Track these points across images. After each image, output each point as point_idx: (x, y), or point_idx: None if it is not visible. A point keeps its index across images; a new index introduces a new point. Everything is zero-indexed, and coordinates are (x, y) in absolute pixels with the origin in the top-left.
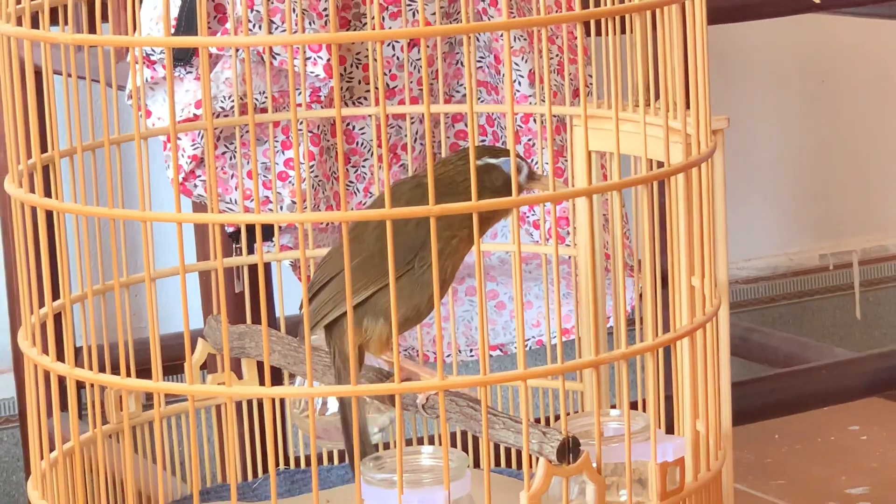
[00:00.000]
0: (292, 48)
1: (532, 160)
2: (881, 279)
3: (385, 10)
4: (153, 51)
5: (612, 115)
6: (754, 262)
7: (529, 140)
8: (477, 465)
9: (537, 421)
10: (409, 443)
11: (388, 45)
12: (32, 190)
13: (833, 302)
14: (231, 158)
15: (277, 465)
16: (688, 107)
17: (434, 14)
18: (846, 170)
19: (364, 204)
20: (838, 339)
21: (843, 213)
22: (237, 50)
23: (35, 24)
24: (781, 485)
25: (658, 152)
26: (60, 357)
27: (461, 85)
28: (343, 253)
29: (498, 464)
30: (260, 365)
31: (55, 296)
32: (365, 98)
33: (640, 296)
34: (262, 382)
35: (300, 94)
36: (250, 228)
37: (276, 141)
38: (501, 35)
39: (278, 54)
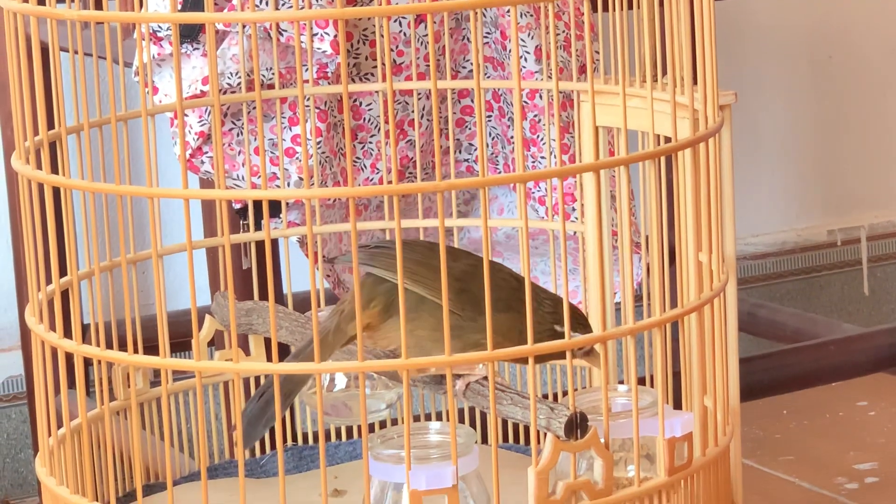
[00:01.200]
0: (299, 24)
1: (538, 136)
2: (889, 254)
3: None
4: (160, 27)
5: (620, 91)
6: (762, 237)
7: (536, 116)
8: (485, 440)
9: (545, 397)
10: (416, 419)
11: (395, 20)
12: (39, 166)
13: (841, 277)
14: (238, 135)
15: (285, 441)
16: (695, 82)
17: None
18: (854, 145)
19: (371, 180)
20: (846, 315)
21: (851, 188)
22: (244, 26)
23: (41, 0)
24: (790, 460)
25: (665, 128)
26: (68, 334)
27: (467, 61)
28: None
29: (506, 440)
30: (267, 341)
31: (62, 272)
32: (372, 74)
33: (648, 271)
34: (269, 359)
35: (307, 70)
36: (258, 205)
37: (284, 117)
38: (508, 11)
39: (285, 30)
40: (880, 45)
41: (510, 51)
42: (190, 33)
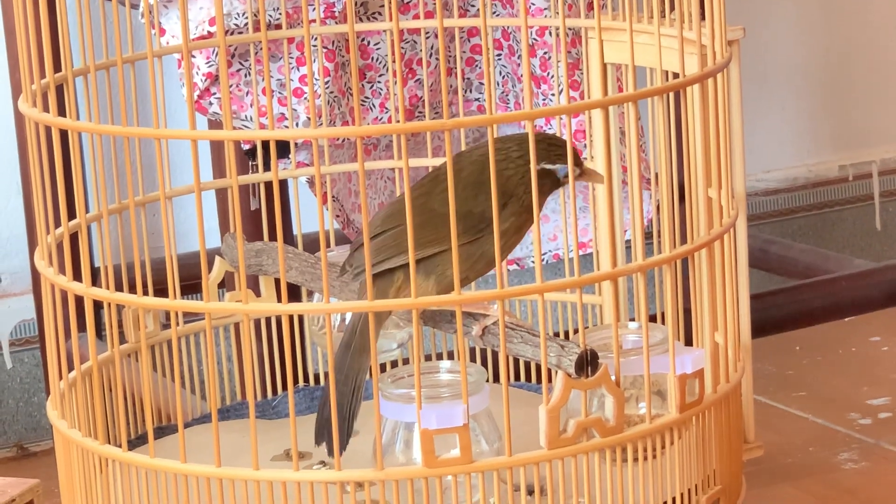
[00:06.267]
0: None
1: (548, 73)
2: None
3: None
4: None
5: (627, 27)
6: (773, 173)
7: (545, 53)
8: (496, 379)
9: (555, 335)
10: (427, 358)
11: None
12: (46, 109)
13: (853, 213)
14: (246, 76)
15: (296, 382)
16: (703, 17)
17: None
18: (865, 80)
19: (380, 119)
20: (858, 250)
21: (863, 123)
22: None
23: None
24: (802, 396)
25: (673, 64)
26: (77, 277)
27: None
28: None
29: (517, 378)
30: (278, 282)
31: (71, 216)
32: (379, 13)
33: (658, 208)
34: (279, 299)
35: (314, 9)
36: (266, 145)
37: (291, 57)
38: None
39: None
40: None
41: None
42: None
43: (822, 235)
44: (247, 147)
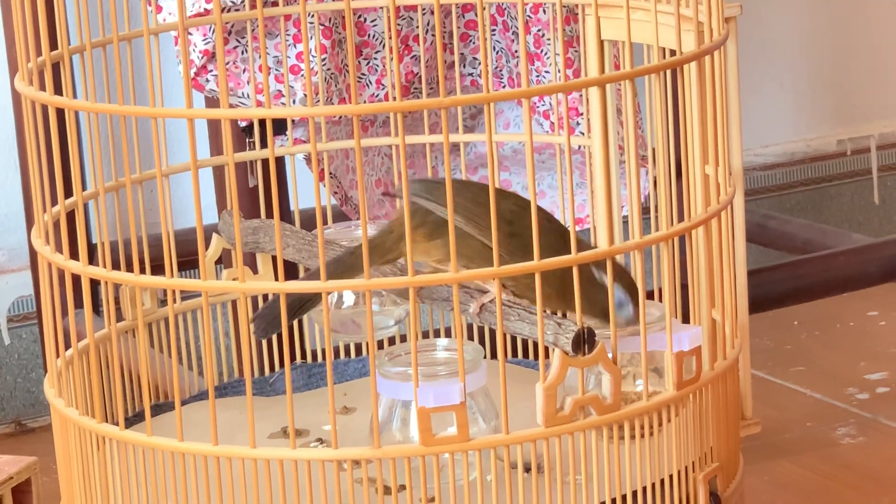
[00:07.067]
0: None
1: (542, 50)
2: None
3: None
4: None
5: (623, 4)
6: (771, 148)
7: (539, 30)
8: (493, 357)
9: (553, 312)
10: (425, 335)
11: None
12: (43, 88)
13: (851, 187)
14: (243, 53)
15: (294, 359)
16: None
17: None
18: (863, 54)
19: (377, 96)
20: (856, 225)
21: (861, 97)
22: None
23: None
24: (800, 371)
25: (670, 41)
26: (74, 255)
27: None
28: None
29: (514, 354)
30: (275, 259)
31: (67, 194)
32: None
33: (655, 184)
34: (276, 277)
35: None
36: (263, 122)
37: (288, 34)
38: None
39: None
40: None
41: None
42: None
43: (819, 210)
44: (244, 124)
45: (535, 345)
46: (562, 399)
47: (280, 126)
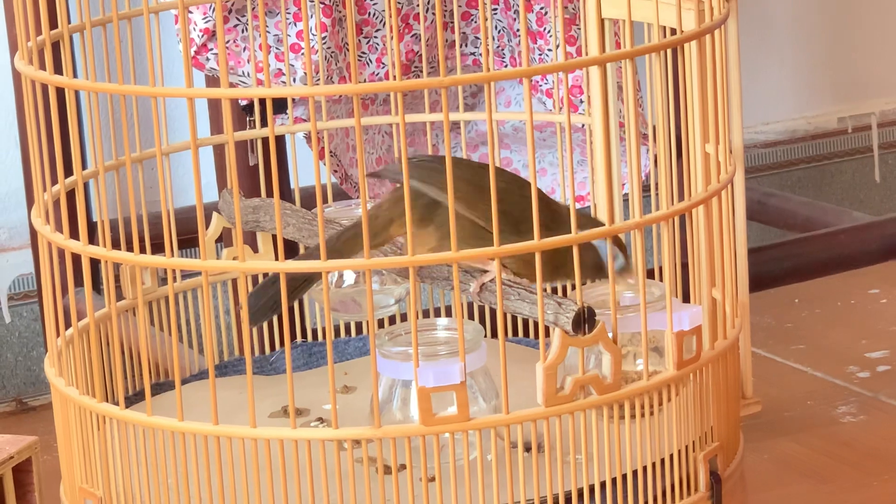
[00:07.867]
0: None
1: (544, 28)
2: None
3: None
4: None
5: None
6: (772, 125)
7: (542, 9)
8: (493, 335)
9: (553, 292)
10: (425, 314)
11: None
12: (43, 67)
13: (852, 165)
14: (243, 31)
15: (294, 338)
16: None
17: None
18: (864, 31)
19: (377, 75)
20: (857, 203)
21: (862, 75)
22: None
23: None
24: (801, 349)
25: (671, 19)
26: (74, 234)
27: None
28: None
29: (514, 334)
30: (275, 238)
31: (68, 173)
32: None
33: (655, 162)
34: (276, 256)
35: None
36: (263, 101)
37: (288, 13)
38: None
39: None
40: None
41: None
42: None
43: (820, 188)
44: (244, 103)
45: (536, 324)
46: (562, 379)
47: (280, 105)
